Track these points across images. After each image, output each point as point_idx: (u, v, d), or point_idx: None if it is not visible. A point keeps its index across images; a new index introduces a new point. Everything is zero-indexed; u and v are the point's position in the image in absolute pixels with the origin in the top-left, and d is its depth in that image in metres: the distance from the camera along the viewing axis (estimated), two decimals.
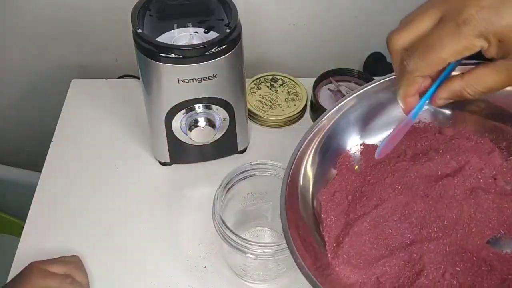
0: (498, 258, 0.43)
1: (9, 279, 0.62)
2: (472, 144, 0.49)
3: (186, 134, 0.69)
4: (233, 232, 0.56)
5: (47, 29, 0.92)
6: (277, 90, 0.84)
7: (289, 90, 0.84)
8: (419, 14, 0.38)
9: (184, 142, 0.71)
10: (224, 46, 0.62)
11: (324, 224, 0.49)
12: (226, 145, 0.75)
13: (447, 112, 0.52)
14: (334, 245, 0.47)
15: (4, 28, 0.92)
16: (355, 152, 0.53)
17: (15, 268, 0.64)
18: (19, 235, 0.68)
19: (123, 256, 0.67)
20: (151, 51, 0.62)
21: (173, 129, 0.69)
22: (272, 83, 0.85)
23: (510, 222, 0.44)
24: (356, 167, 0.53)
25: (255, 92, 0.84)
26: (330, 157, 0.53)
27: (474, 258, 0.43)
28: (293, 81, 0.85)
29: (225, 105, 0.68)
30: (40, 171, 0.76)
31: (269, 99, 0.83)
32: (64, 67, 0.98)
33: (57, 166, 0.77)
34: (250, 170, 0.62)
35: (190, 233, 0.69)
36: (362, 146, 0.54)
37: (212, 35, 0.66)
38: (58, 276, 0.59)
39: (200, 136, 0.69)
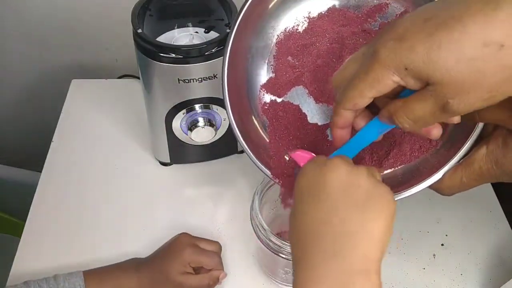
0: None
1: (9, 278, 0.62)
2: (332, 27, 0.53)
3: (186, 134, 0.69)
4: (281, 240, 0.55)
5: (47, 29, 0.92)
6: None
7: None
8: (353, 56, 0.39)
9: (184, 142, 0.71)
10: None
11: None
12: (226, 145, 0.75)
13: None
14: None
15: (4, 28, 0.92)
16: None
17: (15, 268, 0.64)
18: (19, 235, 0.68)
19: (123, 256, 0.67)
20: (151, 51, 0.62)
21: (173, 129, 0.69)
22: None
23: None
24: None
25: None
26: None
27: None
28: None
29: None
30: (40, 171, 0.76)
31: None
32: (64, 67, 0.98)
33: (57, 166, 0.77)
34: None
35: (190, 233, 0.69)
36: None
37: (212, 35, 0.66)
38: (209, 253, 0.61)
39: (200, 136, 0.69)
